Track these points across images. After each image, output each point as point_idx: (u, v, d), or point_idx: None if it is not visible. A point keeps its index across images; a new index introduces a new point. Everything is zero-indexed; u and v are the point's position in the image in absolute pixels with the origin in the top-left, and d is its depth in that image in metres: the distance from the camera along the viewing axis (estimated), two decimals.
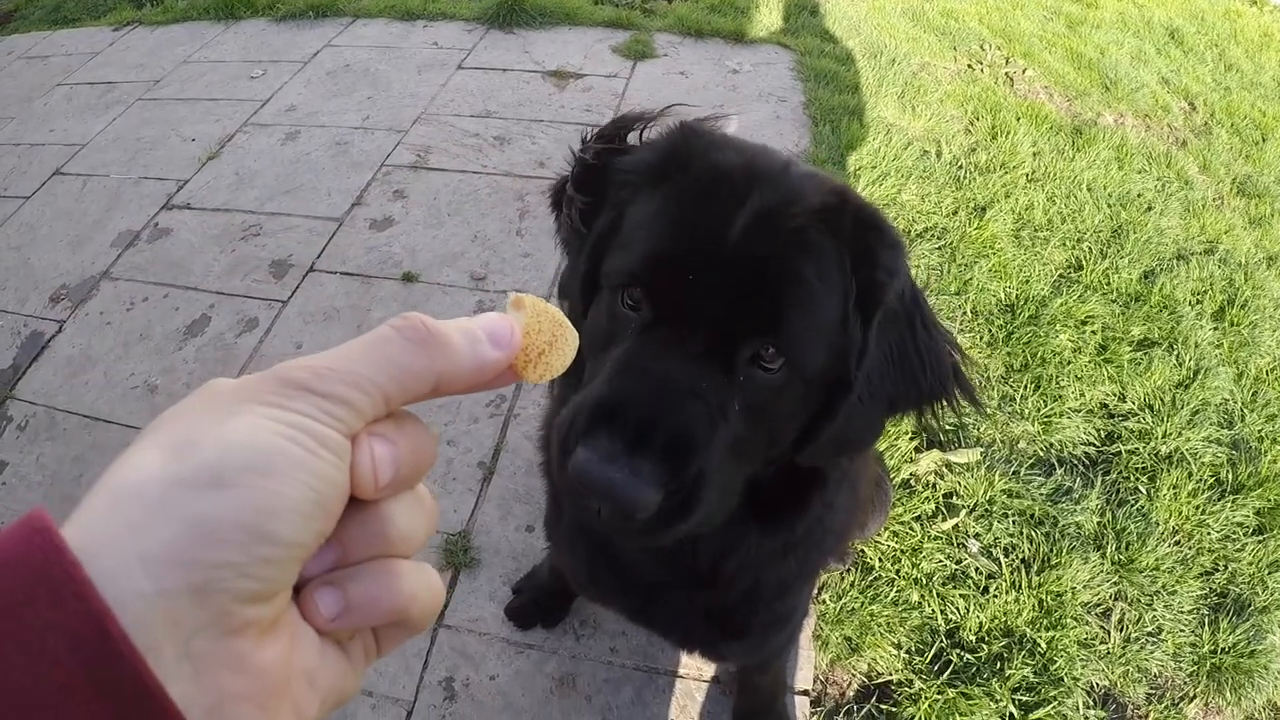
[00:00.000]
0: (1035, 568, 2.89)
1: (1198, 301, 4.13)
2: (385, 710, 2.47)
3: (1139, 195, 4.82)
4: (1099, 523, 3.07)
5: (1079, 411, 3.44)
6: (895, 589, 2.77)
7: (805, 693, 2.54)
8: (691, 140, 1.42)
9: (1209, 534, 3.11)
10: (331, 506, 0.52)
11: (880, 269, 1.32)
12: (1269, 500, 3.24)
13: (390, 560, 0.58)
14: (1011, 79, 5.95)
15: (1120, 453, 3.32)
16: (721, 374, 1.24)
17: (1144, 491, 3.20)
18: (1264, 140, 5.81)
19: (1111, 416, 3.48)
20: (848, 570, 2.79)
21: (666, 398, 1.20)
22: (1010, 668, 2.62)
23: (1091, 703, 2.64)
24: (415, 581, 0.58)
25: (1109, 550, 2.97)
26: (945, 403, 1.45)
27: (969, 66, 6.02)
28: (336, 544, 0.55)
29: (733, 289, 1.25)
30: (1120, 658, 2.74)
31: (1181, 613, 2.88)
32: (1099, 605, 2.86)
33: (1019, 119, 5.30)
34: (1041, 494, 3.10)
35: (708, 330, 1.24)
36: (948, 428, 3.23)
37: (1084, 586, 2.85)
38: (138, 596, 0.43)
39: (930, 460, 3.12)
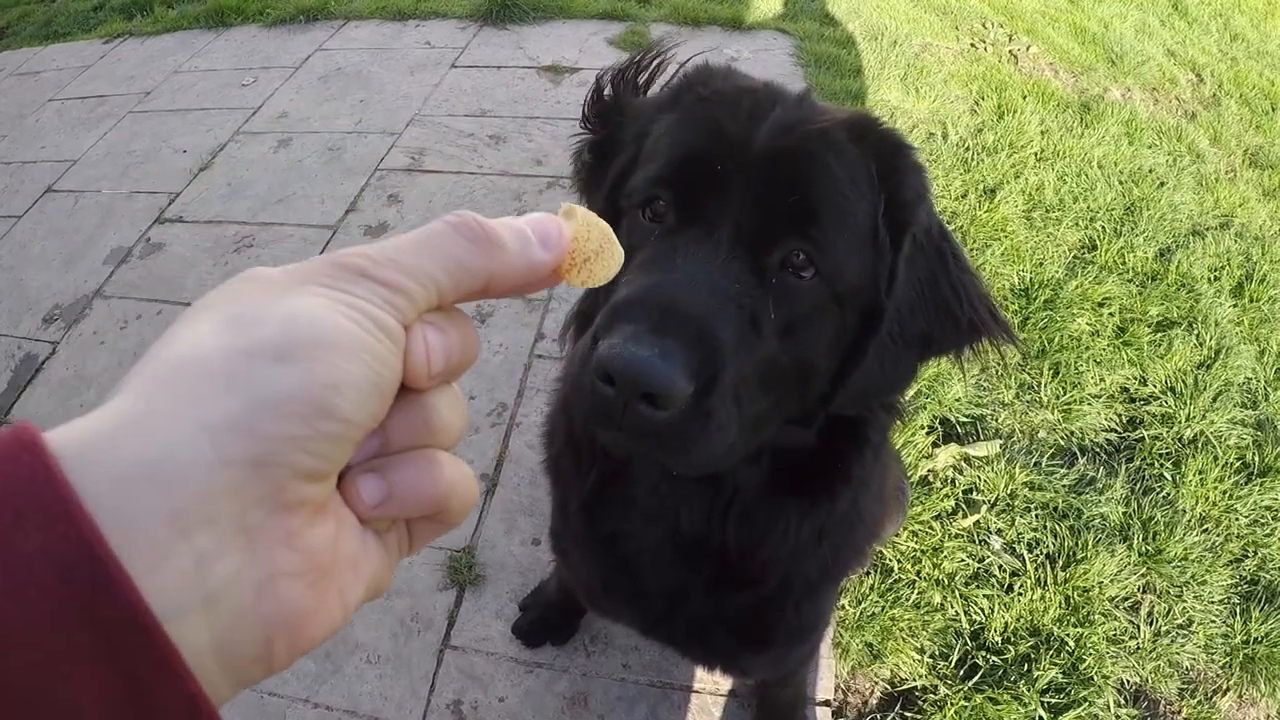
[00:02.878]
0: (1060, 563, 2.81)
1: (1215, 278, 4.04)
2: None
3: (1150, 171, 4.72)
4: (1124, 513, 2.98)
5: (1099, 397, 3.35)
6: (916, 591, 2.68)
7: (826, 703, 2.46)
8: (706, 69, 1.43)
9: (1237, 519, 3.03)
10: (387, 390, 0.52)
11: (907, 187, 1.29)
12: None
13: (431, 450, 0.58)
14: (1015, 57, 5.86)
15: (1143, 438, 3.24)
16: (752, 277, 1.20)
17: (1169, 478, 3.12)
18: (1273, 110, 5.74)
19: (1133, 401, 3.39)
20: (866, 573, 2.70)
21: (693, 291, 1.14)
22: (1038, 669, 2.54)
23: (1122, 701, 2.56)
24: (454, 471, 0.59)
25: (1135, 541, 2.89)
26: (987, 339, 1.39)
27: (972, 46, 5.92)
28: (380, 431, 0.55)
29: (762, 186, 1.22)
30: (1151, 652, 2.66)
31: (1212, 603, 2.80)
32: (1127, 599, 2.78)
33: (1025, 97, 5.21)
34: (1064, 485, 3.02)
35: (735, 230, 1.20)
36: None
37: (1111, 580, 2.77)
38: (200, 465, 0.44)
39: (948, 454, 3.03)
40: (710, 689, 2.46)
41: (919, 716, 2.47)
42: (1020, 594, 2.72)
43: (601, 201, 1.42)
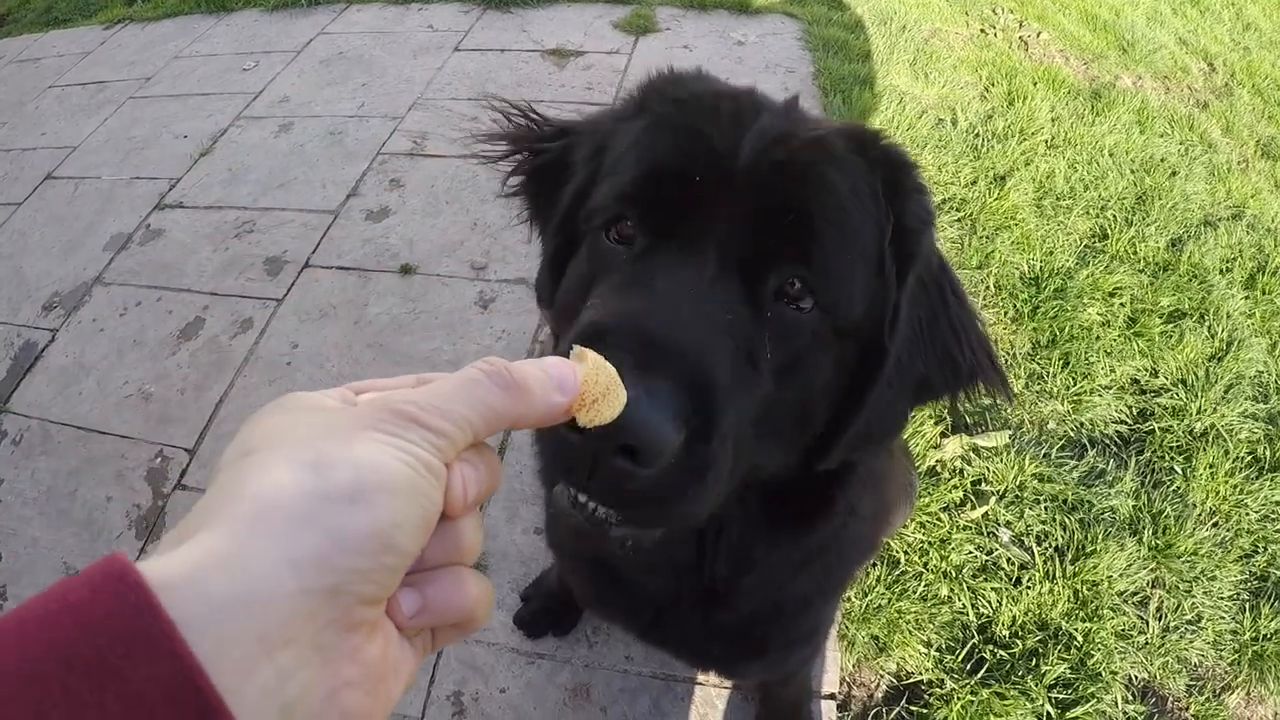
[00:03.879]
0: (1069, 556, 2.77)
1: (1227, 269, 4.00)
2: None
3: (1162, 160, 4.67)
4: (1134, 506, 2.94)
5: (1109, 388, 3.31)
6: (924, 583, 2.65)
7: (831, 696, 2.43)
8: (673, 73, 1.31)
9: (1248, 514, 2.99)
10: (432, 523, 0.59)
11: (912, 212, 1.18)
12: None
13: (459, 567, 0.65)
14: (1026, 43, 5.81)
15: (1154, 431, 3.19)
16: (746, 307, 1.06)
17: (1180, 471, 3.07)
18: None
19: (1143, 392, 3.35)
20: (873, 565, 2.66)
21: (681, 318, 1.00)
22: (1046, 664, 2.51)
23: (1130, 697, 2.53)
24: (479, 587, 0.66)
25: (1145, 535, 2.85)
26: (984, 386, 1.30)
27: (981, 31, 5.87)
28: (421, 555, 0.61)
29: (752, 202, 1.08)
30: (1159, 648, 2.63)
31: (1221, 599, 2.76)
32: (1136, 594, 2.74)
33: (1035, 84, 5.15)
34: (1073, 477, 2.98)
35: (722, 252, 1.06)
36: (976, 411, 3.12)
37: (1120, 574, 2.73)
38: (285, 595, 0.50)
39: (957, 445, 2.99)
40: (714, 681, 2.43)
41: (925, 711, 2.43)
42: (1029, 587, 2.68)
43: (554, 232, 1.30)
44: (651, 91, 1.27)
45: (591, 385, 0.72)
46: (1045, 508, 2.88)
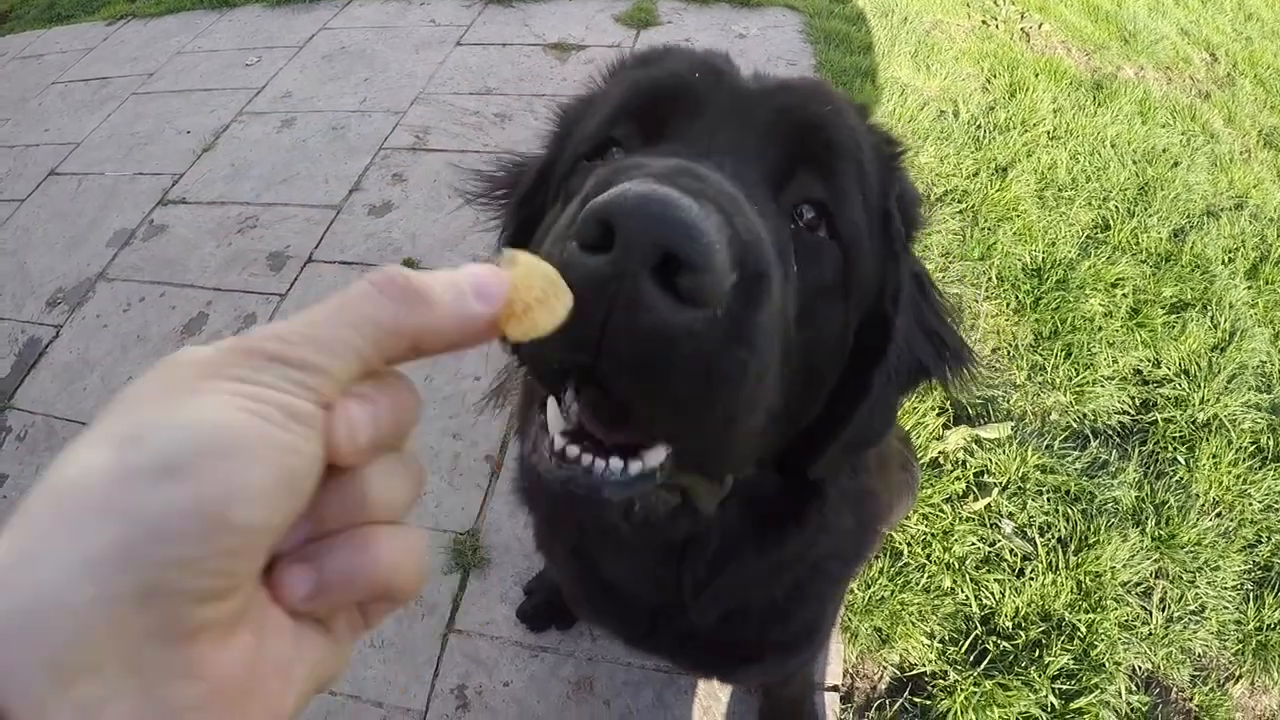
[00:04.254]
0: (1073, 547, 2.76)
1: (1230, 260, 3.98)
2: None
3: (1164, 150, 4.66)
4: (1137, 497, 2.94)
5: (1112, 379, 3.30)
6: (926, 575, 2.64)
7: (834, 688, 2.43)
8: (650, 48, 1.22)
9: (1251, 505, 2.98)
10: (303, 483, 0.48)
11: (910, 189, 1.16)
12: None
13: (367, 529, 0.53)
14: (1027, 34, 5.79)
15: (1157, 421, 3.19)
16: (772, 203, 0.94)
17: (1183, 462, 3.07)
18: None
19: (1146, 383, 3.35)
20: (875, 557, 2.66)
21: (716, 174, 0.84)
22: (1049, 654, 2.50)
23: (1134, 688, 2.52)
24: (396, 549, 0.54)
25: (1149, 526, 2.85)
26: (969, 369, 1.25)
27: (983, 23, 5.85)
28: (310, 517, 0.51)
29: (761, 115, 1.00)
30: (1163, 639, 2.62)
31: (1225, 589, 2.75)
32: (1139, 584, 2.74)
33: (1037, 75, 5.14)
34: (1076, 468, 2.97)
35: (736, 154, 0.94)
36: (977, 401, 3.12)
37: (1124, 565, 2.73)
38: (78, 606, 0.40)
39: (959, 436, 2.99)
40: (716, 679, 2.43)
41: (928, 702, 2.43)
42: (1032, 578, 2.68)
43: (513, 212, 1.26)
44: (621, 62, 1.24)
45: (524, 291, 0.58)
46: (1048, 499, 2.87)
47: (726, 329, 0.74)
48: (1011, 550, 2.74)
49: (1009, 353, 3.36)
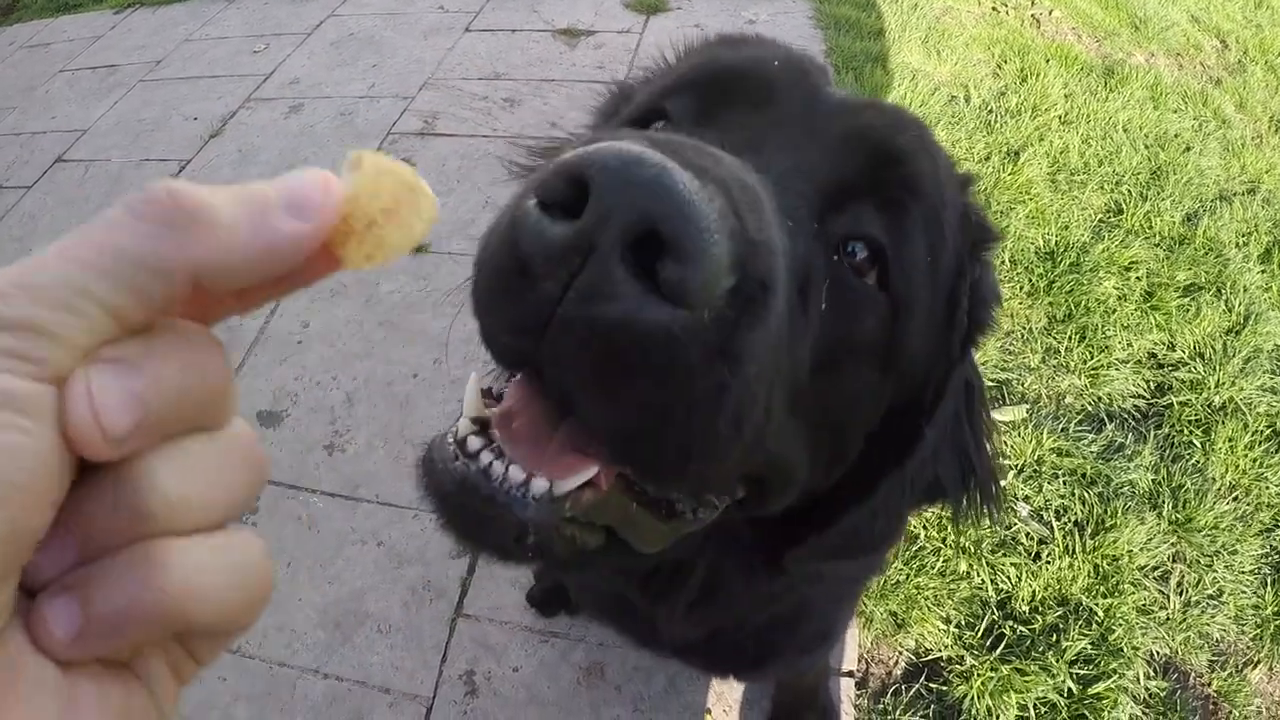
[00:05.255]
0: (1089, 530, 2.74)
1: (1243, 243, 3.96)
2: (403, 708, 2.36)
3: (1176, 135, 4.63)
4: (1154, 480, 2.91)
5: (1127, 362, 3.28)
6: (942, 558, 2.62)
7: (849, 674, 2.40)
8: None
9: (1268, 488, 2.96)
10: (24, 497, 0.34)
11: (991, 281, 1.02)
12: None
13: (154, 543, 0.38)
14: (1038, 20, 5.76)
15: (1172, 405, 3.16)
16: (811, 225, 0.81)
17: (1198, 445, 3.04)
18: None
19: (1161, 366, 3.32)
20: None
21: (734, 159, 0.73)
22: (1066, 639, 2.48)
23: (1152, 673, 2.49)
24: (204, 570, 0.39)
25: (1165, 509, 2.82)
26: (987, 505, 1.11)
27: (993, 9, 5.82)
28: (70, 531, 0.37)
29: (834, 126, 0.87)
30: (1181, 623, 2.60)
31: (1242, 573, 2.74)
32: (1157, 568, 2.71)
33: (1048, 61, 5.11)
34: (1092, 451, 2.95)
35: (792, 160, 0.82)
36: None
37: (1141, 549, 2.70)
38: None
39: None
40: None
41: (944, 688, 2.41)
42: (1048, 562, 2.66)
43: None
44: (705, 41, 1.09)
45: (366, 202, 0.43)
46: (1064, 482, 2.85)
47: (711, 340, 0.61)
48: (1028, 534, 2.71)
49: (1023, 336, 3.33)
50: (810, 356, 0.81)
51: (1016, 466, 2.88)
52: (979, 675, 2.40)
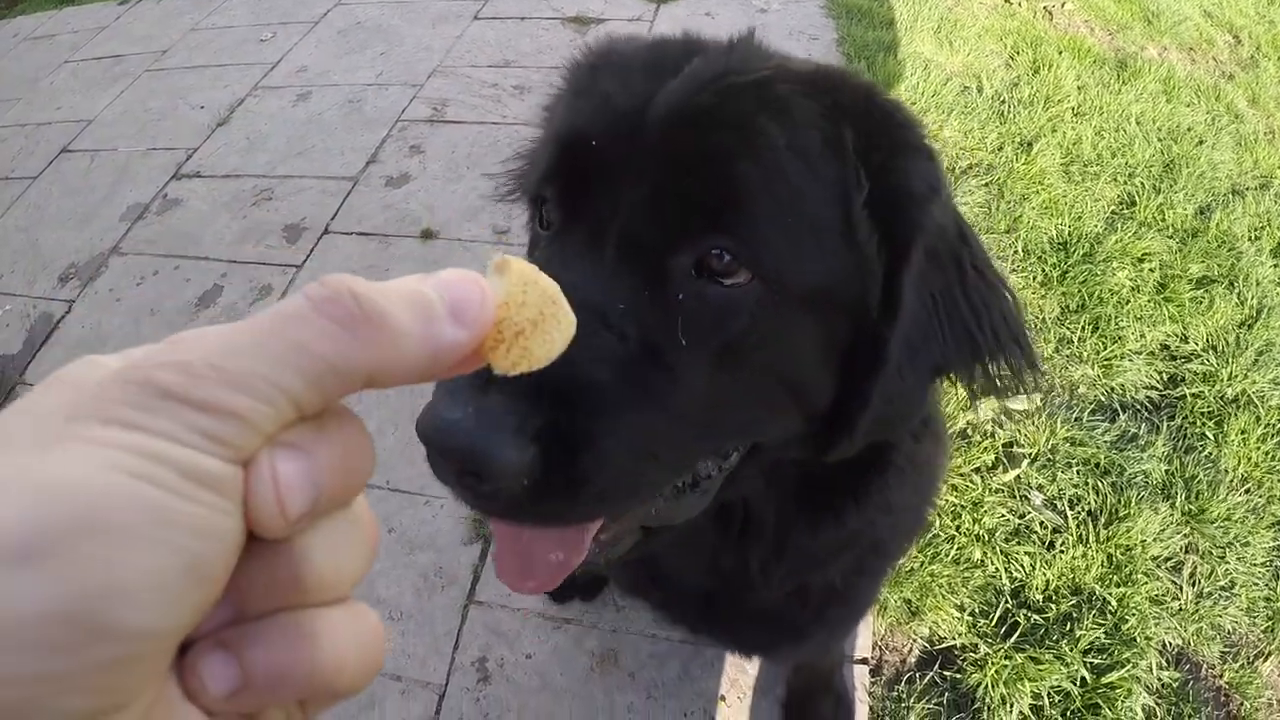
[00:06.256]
0: (1103, 520, 2.73)
1: (1256, 237, 3.94)
2: (415, 695, 2.35)
3: (1189, 129, 4.61)
4: (1167, 471, 2.90)
5: (1140, 353, 3.26)
6: (956, 546, 2.61)
7: (864, 661, 2.39)
8: (608, 40, 1.20)
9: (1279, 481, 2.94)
10: (213, 569, 0.37)
11: (911, 175, 1.03)
12: None
13: (305, 613, 0.42)
14: (1050, 13, 5.74)
15: (1185, 396, 3.15)
16: (645, 294, 0.94)
17: (1211, 437, 3.03)
18: None
19: (1174, 358, 3.30)
20: None
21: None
22: (1080, 628, 2.46)
23: (1165, 663, 2.48)
24: (342, 641, 0.43)
25: (1178, 500, 2.81)
26: (1006, 362, 1.14)
27: (1006, 1, 5.79)
28: (230, 595, 0.40)
29: (658, 166, 0.96)
30: (1193, 614, 2.59)
31: (1254, 565, 2.72)
32: (1170, 559, 2.70)
33: (1061, 53, 5.09)
34: (1106, 441, 2.93)
35: (624, 232, 0.95)
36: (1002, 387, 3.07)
37: (1154, 539, 2.69)
38: None
39: (988, 407, 2.95)
40: None
41: (958, 676, 2.39)
42: (1062, 551, 2.64)
43: (528, 227, 1.22)
44: (574, 66, 1.20)
45: (515, 309, 0.47)
46: (1077, 471, 2.84)
47: (549, 482, 0.84)
48: (1041, 522, 2.70)
49: (1036, 325, 3.32)
50: (706, 367, 0.96)
51: (1030, 455, 2.86)
52: (993, 663, 2.38)
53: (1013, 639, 2.44)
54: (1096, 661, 2.41)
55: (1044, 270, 3.54)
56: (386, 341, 0.41)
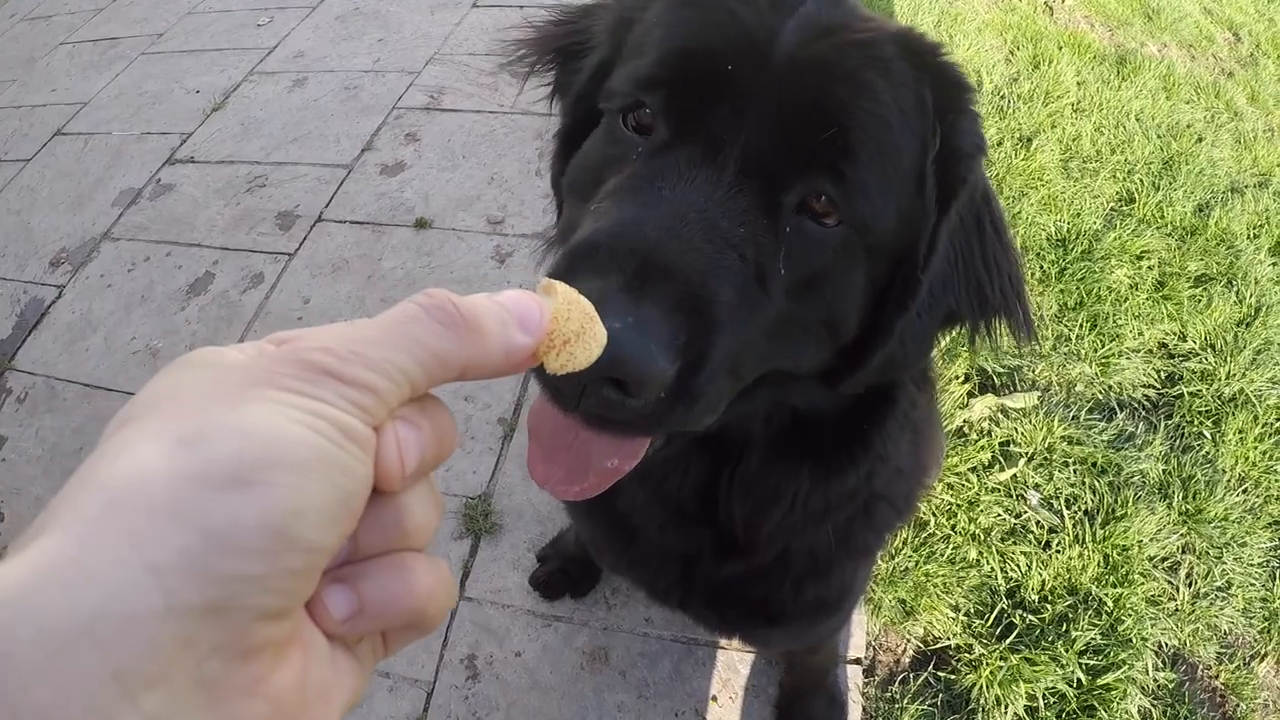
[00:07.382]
0: (1099, 520, 2.72)
1: (1255, 236, 3.93)
2: (403, 692, 2.34)
3: (1188, 126, 4.59)
4: (1164, 470, 2.89)
5: (1138, 351, 3.25)
6: (951, 546, 2.60)
7: (857, 661, 2.39)
8: None
9: (1277, 481, 2.95)
10: (355, 504, 0.47)
11: (966, 134, 1.09)
12: None
13: (405, 554, 0.53)
14: (1051, 8, 5.72)
15: (1182, 395, 3.14)
16: (763, 219, 0.98)
17: (1209, 436, 3.02)
18: None
19: (1172, 356, 3.29)
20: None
21: (683, 234, 0.92)
22: (1076, 629, 2.46)
23: (1161, 664, 2.48)
24: (432, 577, 0.53)
25: (1175, 500, 2.81)
26: (1009, 322, 1.23)
27: None
28: (350, 540, 0.50)
29: (786, 102, 0.98)
30: (1190, 615, 2.59)
31: (1251, 566, 2.72)
32: (1166, 559, 2.70)
33: (1061, 48, 5.06)
34: (1103, 440, 2.93)
35: (745, 156, 0.98)
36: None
37: (1150, 539, 2.69)
38: (147, 616, 0.37)
39: (985, 405, 2.94)
40: (737, 646, 2.39)
41: (953, 677, 2.39)
42: (1058, 551, 2.64)
43: (570, 107, 1.23)
44: None
45: (562, 323, 0.60)
46: (1074, 470, 2.83)
47: (669, 396, 0.86)
48: (1038, 522, 2.69)
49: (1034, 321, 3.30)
50: (786, 296, 1.01)
51: (1027, 454, 2.85)
52: (988, 664, 2.37)
53: (1008, 640, 2.44)
54: (1092, 663, 2.41)
55: (1042, 267, 3.53)
56: (478, 341, 0.53)
